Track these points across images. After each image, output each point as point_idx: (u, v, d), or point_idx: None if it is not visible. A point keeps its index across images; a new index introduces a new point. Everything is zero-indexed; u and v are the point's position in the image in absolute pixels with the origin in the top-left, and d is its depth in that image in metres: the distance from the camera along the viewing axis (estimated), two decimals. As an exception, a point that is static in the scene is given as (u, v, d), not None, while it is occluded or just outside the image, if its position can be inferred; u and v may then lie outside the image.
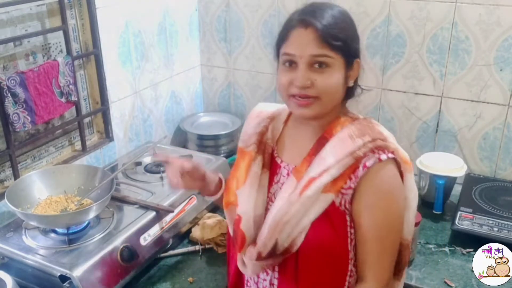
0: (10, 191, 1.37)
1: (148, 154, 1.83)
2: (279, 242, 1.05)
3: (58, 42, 1.60)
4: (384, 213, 1.02)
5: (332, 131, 1.05)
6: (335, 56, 1.00)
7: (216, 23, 2.15)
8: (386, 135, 1.06)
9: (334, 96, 1.03)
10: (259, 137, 1.15)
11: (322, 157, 1.02)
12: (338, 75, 1.02)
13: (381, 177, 1.00)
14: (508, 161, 1.82)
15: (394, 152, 1.02)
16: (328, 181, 1.00)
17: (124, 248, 1.35)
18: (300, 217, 1.02)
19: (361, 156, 1.00)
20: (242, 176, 1.12)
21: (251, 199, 1.10)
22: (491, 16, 1.67)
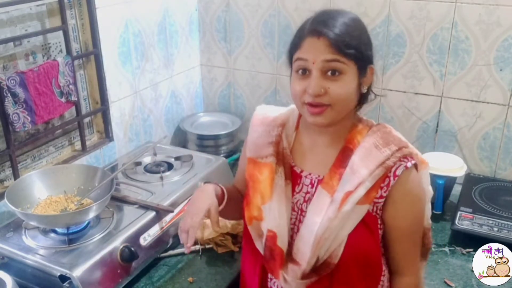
0: (10, 191, 1.37)
1: (148, 154, 1.84)
2: (319, 257, 1.06)
3: (58, 42, 1.60)
4: (414, 215, 1.09)
5: (354, 141, 1.07)
6: (348, 62, 1.01)
7: (216, 23, 2.15)
8: (405, 140, 1.10)
9: (348, 103, 1.04)
10: (275, 147, 1.13)
11: (354, 170, 1.04)
12: (352, 82, 1.02)
13: (410, 183, 1.05)
14: (508, 161, 1.82)
15: (415, 157, 1.08)
16: (363, 194, 1.03)
17: (124, 248, 1.35)
18: (338, 230, 1.04)
19: (391, 166, 1.03)
20: (267, 190, 1.10)
21: (282, 214, 1.09)
22: (491, 16, 1.67)
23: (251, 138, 1.18)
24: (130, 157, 1.83)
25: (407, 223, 1.08)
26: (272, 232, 1.08)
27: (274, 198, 1.10)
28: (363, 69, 1.04)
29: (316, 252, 1.05)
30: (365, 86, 1.07)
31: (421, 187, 1.10)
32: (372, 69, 1.07)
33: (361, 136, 1.08)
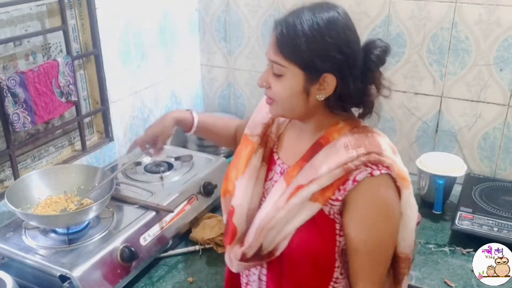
0: (10, 191, 1.37)
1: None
2: (263, 246, 1.05)
3: (58, 42, 1.60)
4: (374, 229, 1.00)
5: (329, 138, 1.03)
6: (289, 66, 0.97)
7: (216, 23, 2.15)
8: (385, 148, 1.01)
9: (288, 104, 1.01)
10: (264, 129, 1.14)
11: (313, 165, 1.01)
12: (292, 86, 0.98)
13: (373, 193, 0.98)
14: (508, 161, 1.82)
15: (389, 168, 0.98)
16: (316, 190, 0.99)
17: (124, 248, 1.35)
18: (284, 223, 1.02)
19: (352, 168, 0.97)
20: (242, 166, 1.12)
21: (247, 192, 1.10)
22: (491, 16, 1.67)
23: (252, 116, 1.19)
24: (130, 157, 1.82)
25: (362, 237, 1.00)
26: (232, 208, 1.10)
27: (245, 175, 1.11)
28: (313, 76, 0.97)
29: (259, 239, 1.05)
30: (322, 95, 0.99)
31: (388, 202, 1.00)
32: (331, 78, 0.97)
33: (339, 134, 1.02)
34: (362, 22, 1.87)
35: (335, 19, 0.97)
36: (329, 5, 0.99)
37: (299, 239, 1.02)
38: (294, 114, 1.04)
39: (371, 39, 1.02)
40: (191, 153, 1.83)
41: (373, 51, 1.00)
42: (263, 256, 1.07)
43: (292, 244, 1.03)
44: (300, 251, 1.03)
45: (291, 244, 1.03)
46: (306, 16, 0.96)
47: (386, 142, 1.04)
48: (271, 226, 1.03)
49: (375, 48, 1.00)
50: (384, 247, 1.03)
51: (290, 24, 0.96)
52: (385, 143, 1.03)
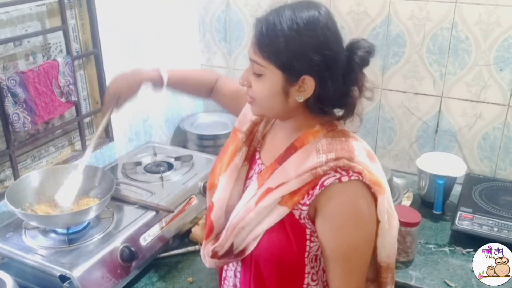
0: (10, 191, 1.37)
1: (148, 154, 1.84)
2: (234, 245, 1.06)
3: (58, 42, 1.60)
4: (346, 236, 0.98)
5: (304, 141, 1.01)
6: (268, 66, 0.95)
7: (216, 23, 2.15)
8: (358, 153, 0.98)
9: (267, 104, 0.99)
10: (251, 127, 1.13)
11: (284, 168, 1.00)
12: (270, 86, 0.96)
13: (342, 199, 0.96)
14: (508, 161, 1.82)
15: (360, 174, 0.95)
16: (285, 194, 0.98)
17: (124, 248, 1.35)
18: (255, 224, 1.02)
19: (321, 174, 0.96)
20: (225, 163, 1.12)
21: (226, 189, 1.11)
22: (491, 16, 1.68)
23: (244, 110, 1.18)
24: (130, 157, 1.83)
25: (336, 243, 0.99)
26: (212, 203, 1.11)
27: (227, 173, 1.11)
28: (293, 77, 0.95)
29: (230, 238, 1.05)
30: (301, 96, 0.96)
31: (360, 209, 0.97)
32: (309, 80, 0.94)
33: (313, 138, 1.00)
34: (362, 22, 1.87)
35: (315, 19, 0.94)
36: (310, 4, 0.96)
37: (267, 241, 1.02)
38: (274, 113, 1.04)
39: (355, 39, 0.99)
40: (191, 153, 1.83)
41: (357, 52, 0.97)
42: (235, 255, 1.08)
43: (260, 245, 1.03)
44: (267, 252, 1.03)
45: (259, 246, 1.03)
46: (286, 14, 0.94)
47: (362, 148, 1.01)
48: (242, 227, 1.03)
49: (359, 49, 0.97)
50: (358, 254, 1.01)
51: (270, 22, 0.94)
52: (360, 149, 1.00)
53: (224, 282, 1.19)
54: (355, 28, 1.88)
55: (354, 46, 0.98)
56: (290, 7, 0.95)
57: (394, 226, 1.04)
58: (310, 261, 1.04)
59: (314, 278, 1.06)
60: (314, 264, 1.05)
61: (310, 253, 1.03)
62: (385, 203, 0.99)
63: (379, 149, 2.02)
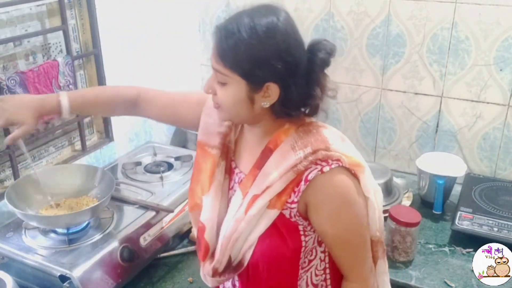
0: (10, 191, 1.37)
1: (148, 154, 1.84)
2: (232, 257, 1.06)
3: (58, 42, 1.60)
4: (342, 221, 1.00)
5: (277, 141, 1.01)
6: (230, 74, 0.94)
7: (216, 23, 2.14)
8: (332, 141, 0.99)
9: (233, 111, 0.99)
10: (222, 140, 1.11)
11: (265, 172, 1.00)
12: (235, 94, 0.96)
13: (328, 187, 0.98)
14: (508, 161, 1.82)
15: (339, 160, 0.97)
16: (272, 197, 0.99)
17: (124, 248, 1.35)
18: (248, 233, 1.02)
19: (302, 170, 0.97)
20: (206, 182, 1.10)
21: (214, 208, 1.09)
22: (491, 16, 1.67)
23: (204, 120, 1.15)
24: (130, 157, 1.83)
25: (335, 230, 1.01)
26: (202, 224, 1.10)
27: (211, 192, 1.09)
28: (256, 85, 0.94)
29: (226, 252, 1.05)
30: (267, 102, 0.96)
31: (348, 192, 0.99)
32: (273, 86, 0.94)
33: (286, 136, 1.01)
34: (362, 22, 1.87)
35: (274, 25, 0.93)
36: (268, 10, 0.95)
37: (263, 246, 1.02)
38: (241, 120, 1.04)
39: (316, 40, 0.98)
40: (191, 153, 1.83)
41: (317, 53, 0.97)
42: (234, 267, 1.07)
43: (256, 252, 1.03)
44: (264, 257, 1.03)
45: (256, 253, 1.03)
46: (245, 22, 0.93)
47: (333, 133, 1.03)
48: (235, 238, 1.03)
49: (319, 51, 0.97)
50: (358, 234, 1.03)
51: (229, 31, 0.93)
52: (331, 135, 1.01)
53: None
54: (355, 28, 1.88)
55: (315, 48, 0.98)
56: (249, 14, 0.94)
57: (379, 201, 1.07)
58: (305, 255, 1.05)
59: (303, 266, 1.06)
60: (309, 253, 1.06)
61: (307, 248, 1.04)
62: (367, 180, 1.02)
63: (379, 149, 2.02)
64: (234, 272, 1.08)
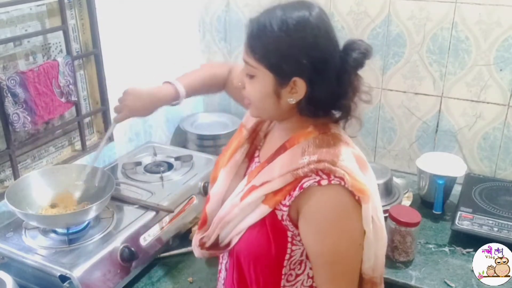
0: (10, 191, 1.37)
1: (148, 154, 1.84)
2: (220, 238, 1.08)
3: (58, 42, 1.60)
4: (327, 240, 0.96)
5: (294, 142, 1.00)
6: (259, 67, 0.95)
7: (216, 23, 2.15)
8: (343, 158, 0.95)
9: (260, 105, 0.99)
10: (255, 125, 1.14)
11: (270, 167, 1.00)
12: (262, 87, 0.96)
13: (322, 203, 0.94)
14: (508, 161, 1.82)
15: (343, 179, 0.93)
16: (268, 193, 0.98)
17: (124, 248, 1.35)
18: (239, 220, 1.03)
19: (301, 175, 0.95)
20: (226, 158, 1.14)
21: (224, 184, 1.12)
22: (491, 16, 1.68)
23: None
24: (130, 157, 1.83)
25: (317, 249, 0.98)
26: (209, 196, 1.14)
27: (227, 168, 1.13)
28: (283, 80, 0.94)
29: (215, 231, 1.08)
30: (293, 98, 0.96)
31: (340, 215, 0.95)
32: (300, 82, 0.93)
33: (305, 139, 0.99)
34: (362, 22, 1.87)
35: (305, 19, 0.92)
36: (302, 4, 0.95)
37: (248, 238, 1.03)
38: (268, 115, 1.04)
39: (351, 40, 0.97)
40: (191, 153, 1.83)
41: (351, 53, 0.95)
42: (220, 248, 1.10)
43: (241, 241, 1.04)
44: (246, 249, 1.04)
45: (240, 241, 1.05)
46: (277, 15, 0.93)
47: (351, 153, 0.99)
48: (227, 221, 1.05)
49: (354, 50, 0.95)
50: (343, 260, 0.99)
51: (261, 23, 0.94)
52: (347, 154, 0.98)
53: (219, 275, 1.22)
54: (355, 28, 1.88)
55: (349, 47, 0.96)
56: (282, 7, 0.95)
57: (382, 239, 1.02)
58: (290, 264, 1.03)
59: (290, 279, 1.04)
60: (297, 266, 1.03)
61: (292, 257, 1.02)
62: (369, 212, 0.96)
63: (379, 149, 2.02)
64: (219, 250, 1.11)
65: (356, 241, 0.99)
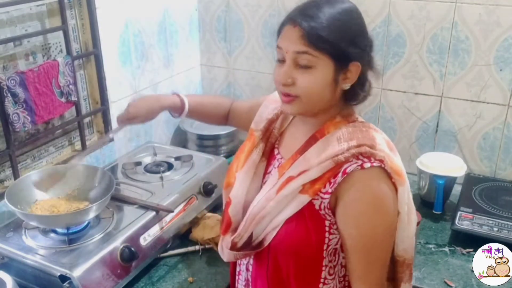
0: (10, 191, 1.37)
1: (148, 154, 1.84)
2: (254, 235, 1.06)
3: (58, 42, 1.60)
4: (366, 224, 0.98)
5: (324, 131, 1.02)
6: (321, 56, 0.96)
7: (216, 23, 2.15)
8: (379, 142, 1.00)
9: (317, 97, 0.99)
10: (267, 124, 1.15)
11: (305, 157, 1.01)
12: (323, 77, 0.97)
13: (364, 186, 0.96)
14: (508, 161, 1.82)
15: (382, 161, 0.96)
16: (306, 182, 0.99)
17: (124, 248, 1.35)
18: (275, 214, 1.03)
19: (342, 161, 0.96)
20: (242, 160, 1.14)
21: (244, 185, 1.11)
22: (491, 16, 1.68)
23: (260, 111, 1.20)
24: (130, 157, 1.83)
25: (355, 232, 0.98)
26: (229, 199, 1.12)
27: (244, 169, 1.12)
28: (342, 66, 0.98)
29: (250, 228, 1.06)
30: (347, 84, 1.00)
31: (381, 197, 0.97)
32: (356, 66, 0.98)
33: (335, 128, 1.02)
34: (362, 22, 1.86)
35: (353, 9, 1.00)
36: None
37: (286, 231, 1.02)
38: (317, 108, 1.02)
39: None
40: (191, 153, 1.83)
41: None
42: (253, 246, 1.07)
43: (279, 235, 1.03)
44: (285, 243, 1.03)
45: (278, 236, 1.03)
46: (326, 7, 0.97)
47: (382, 137, 1.03)
48: (262, 216, 1.03)
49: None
50: (379, 245, 1.00)
51: (314, 16, 0.96)
52: (380, 138, 1.02)
53: (239, 277, 1.20)
54: (355, 28, 1.88)
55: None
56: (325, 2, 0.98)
57: (413, 221, 1.05)
58: (328, 255, 1.03)
59: (331, 272, 1.05)
60: (333, 258, 1.04)
61: (329, 246, 1.03)
62: (405, 194, 1.00)
63: (379, 149, 2.02)
64: (252, 250, 1.08)
65: (392, 225, 1.01)
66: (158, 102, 1.37)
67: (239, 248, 1.09)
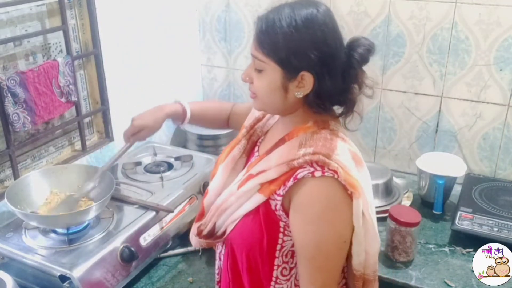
0: (10, 191, 1.37)
1: (148, 154, 1.84)
2: (216, 226, 1.12)
3: (58, 42, 1.60)
4: (312, 233, 0.97)
5: (294, 135, 1.03)
6: (268, 61, 0.98)
7: (216, 23, 2.15)
8: (338, 153, 0.97)
9: (267, 99, 1.02)
10: (253, 122, 1.19)
11: (269, 158, 1.03)
12: (271, 82, 0.99)
13: (314, 194, 0.96)
14: (508, 161, 1.82)
15: (336, 172, 0.95)
16: (263, 182, 1.01)
17: (124, 248, 1.35)
18: (235, 208, 1.06)
19: (296, 166, 0.97)
20: (224, 154, 1.18)
21: (222, 178, 1.15)
22: (491, 16, 1.68)
23: (253, 109, 1.22)
24: (130, 157, 1.83)
25: (302, 238, 0.98)
26: (207, 191, 1.17)
27: (225, 162, 1.16)
28: (291, 74, 0.97)
29: (212, 218, 1.12)
30: (301, 92, 0.98)
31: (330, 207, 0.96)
32: (308, 76, 0.96)
33: (304, 132, 1.02)
34: (362, 22, 1.87)
35: (313, 16, 0.96)
36: (309, 2, 0.99)
37: (242, 226, 1.06)
38: (274, 109, 1.06)
39: (355, 37, 1.01)
40: (191, 153, 1.83)
41: (357, 49, 0.99)
42: (217, 236, 1.13)
43: (236, 229, 1.07)
44: (240, 237, 1.07)
45: (235, 229, 1.08)
46: (286, 12, 0.96)
47: (347, 148, 1.01)
48: (224, 209, 1.08)
49: (359, 47, 0.99)
50: (324, 254, 0.99)
51: (270, 20, 0.97)
52: (344, 149, 1.00)
53: (216, 264, 1.24)
54: (355, 28, 1.88)
55: (354, 44, 1.00)
56: (290, 5, 0.98)
57: (373, 237, 1.02)
58: (283, 255, 1.05)
59: (285, 273, 1.06)
60: (289, 259, 1.05)
61: (284, 247, 1.04)
62: (360, 207, 0.97)
63: (379, 149, 2.02)
64: (215, 239, 1.13)
65: (340, 237, 0.99)
66: (162, 111, 1.41)
67: (204, 236, 1.15)
